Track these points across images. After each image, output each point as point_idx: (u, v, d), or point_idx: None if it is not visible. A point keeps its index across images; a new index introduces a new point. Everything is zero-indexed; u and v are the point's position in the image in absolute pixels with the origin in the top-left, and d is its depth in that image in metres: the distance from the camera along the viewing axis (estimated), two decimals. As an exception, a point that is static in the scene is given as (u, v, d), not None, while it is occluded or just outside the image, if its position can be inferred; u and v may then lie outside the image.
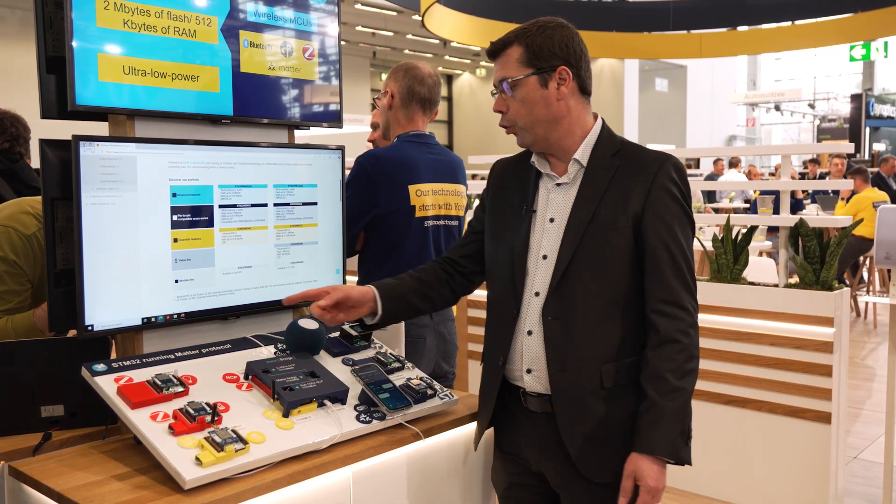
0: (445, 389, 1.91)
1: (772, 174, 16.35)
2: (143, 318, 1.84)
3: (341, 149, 2.25)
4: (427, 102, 2.59)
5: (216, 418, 1.58)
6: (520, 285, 1.72)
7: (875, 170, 10.71)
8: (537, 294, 1.69)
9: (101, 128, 1.89)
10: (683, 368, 1.61)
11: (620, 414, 1.66)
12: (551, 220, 1.71)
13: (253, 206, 2.03)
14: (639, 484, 1.59)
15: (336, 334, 2.04)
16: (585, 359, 1.65)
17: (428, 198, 2.52)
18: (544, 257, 1.70)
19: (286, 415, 1.65)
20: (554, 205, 1.72)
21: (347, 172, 2.41)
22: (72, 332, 1.86)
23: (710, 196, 11.52)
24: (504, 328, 1.74)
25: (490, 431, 1.89)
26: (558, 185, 1.73)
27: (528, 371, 1.71)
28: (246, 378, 1.77)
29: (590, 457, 1.66)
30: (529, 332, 1.70)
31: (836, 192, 9.34)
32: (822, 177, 12.44)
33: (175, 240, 1.88)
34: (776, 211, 4.62)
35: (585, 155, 1.71)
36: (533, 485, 1.80)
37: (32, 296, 2.28)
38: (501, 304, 1.76)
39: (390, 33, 18.61)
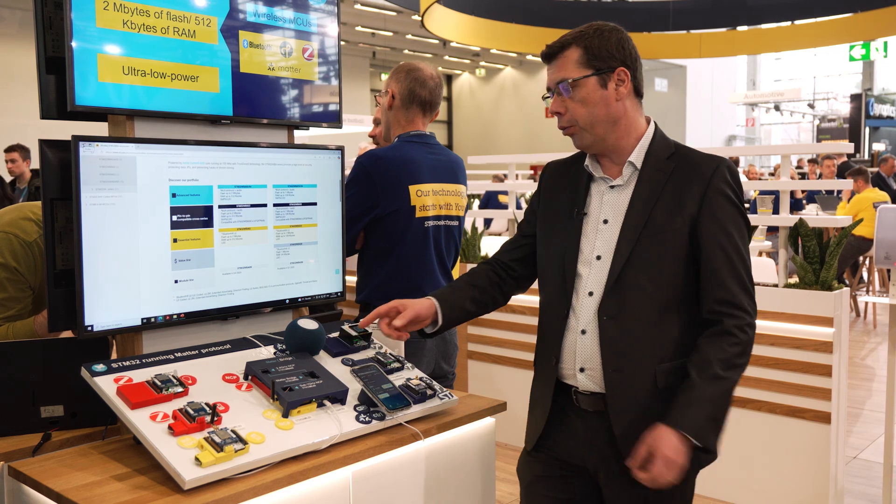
0: (445, 390, 1.92)
1: (771, 174, 16.35)
2: (142, 319, 1.84)
3: (341, 149, 2.25)
4: (428, 105, 2.59)
5: (216, 418, 1.58)
6: (570, 286, 1.74)
7: (875, 170, 10.71)
8: (591, 294, 1.70)
9: (101, 128, 1.89)
10: (732, 361, 1.63)
11: None
12: (605, 222, 1.73)
13: (252, 206, 2.03)
14: (654, 453, 1.55)
15: (335, 334, 2.04)
16: (640, 359, 1.66)
17: (428, 198, 2.52)
18: (598, 258, 1.71)
19: (286, 415, 1.65)
20: (608, 206, 1.74)
21: (347, 173, 2.41)
22: (66, 333, 1.87)
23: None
24: (556, 328, 1.76)
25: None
26: (612, 187, 1.74)
27: (582, 370, 1.72)
28: (245, 378, 1.77)
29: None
30: (584, 332, 1.71)
31: (832, 192, 9.35)
32: (821, 177, 12.44)
33: (175, 240, 1.88)
34: (776, 211, 4.62)
35: (640, 157, 1.72)
36: (565, 477, 1.79)
37: (33, 302, 2.28)
38: (552, 305, 1.78)
39: (390, 33, 18.61)
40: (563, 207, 1.80)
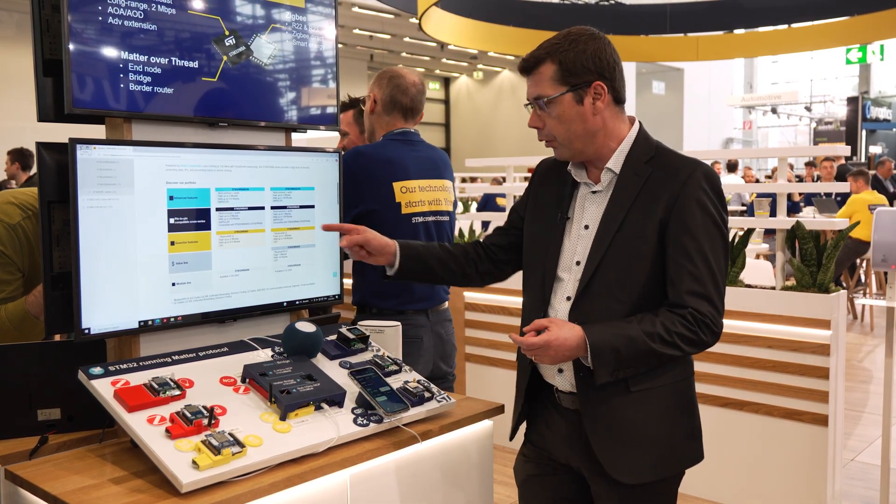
0: (443, 392, 1.91)
1: (768, 177, 16.38)
2: (139, 322, 1.83)
3: (338, 152, 2.25)
4: (409, 111, 2.62)
5: (213, 421, 1.58)
6: (549, 290, 1.75)
7: (872, 172, 10.73)
8: (568, 298, 1.72)
9: (99, 130, 1.89)
10: (674, 338, 1.58)
11: (648, 416, 1.67)
12: (586, 228, 1.73)
13: (250, 208, 2.03)
14: (549, 330, 1.57)
15: (333, 337, 2.04)
16: None
17: (415, 194, 2.53)
18: (578, 263, 1.72)
19: (283, 418, 1.65)
20: (589, 212, 1.74)
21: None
22: (58, 337, 1.86)
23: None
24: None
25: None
26: (593, 192, 1.75)
27: (560, 371, 1.74)
28: (243, 381, 1.77)
29: (617, 458, 1.67)
30: None
31: (830, 195, 9.36)
32: (818, 180, 12.46)
33: (172, 242, 1.87)
34: (773, 214, 4.63)
35: (618, 163, 1.71)
36: (557, 475, 1.82)
37: (24, 285, 2.28)
38: (533, 308, 1.79)
39: (387, 36, 18.60)
40: (550, 210, 1.81)
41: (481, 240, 1.99)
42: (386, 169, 2.49)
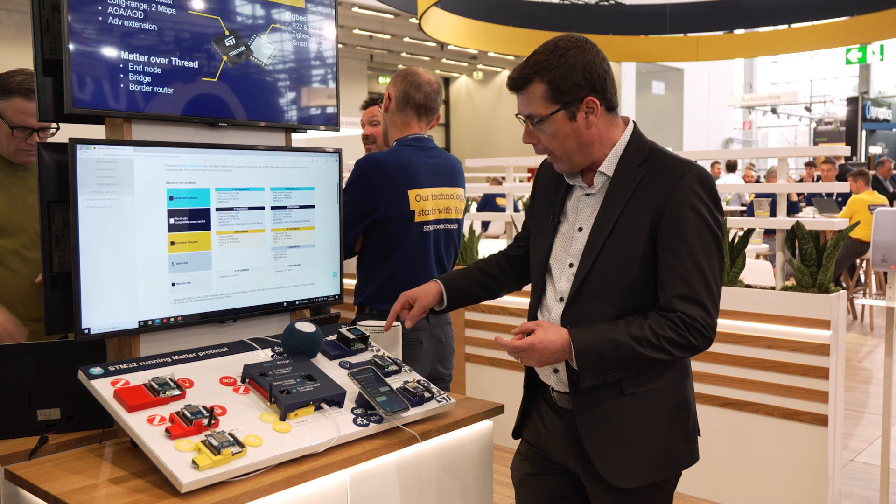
0: (443, 392, 1.91)
1: (764, 177, 16.38)
2: (139, 322, 1.83)
3: (338, 152, 2.25)
4: (422, 108, 2.60)
5: (213, 422, 1.58)
6: (542, 291, 1.77)
7: (872, 172, 10.75)
8: (562, 300, 1.72)
9: (99, 130, 1.89)
10: (662, 342, 1.56)
11: (643, 420, 1.67)
12: (580, 230, 1.73)
13: (250, 209, 2.03)
14: (535, 332, 1.60)
15: (333, 337, 2.04)
16: None
17: (428, 203, 2.52)
18: (571, 265, 1.72)
19: (283, 418, 1.65)
20: (582, 215, 1.74)
21: (345, 175, 2.41)
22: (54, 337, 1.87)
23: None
24: None
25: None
26: (587, 195, 1.75)
27: (556, 371, 1.75)
28: (243, 381, 1.77)
29: (611, 461, 1.67)
30: None
31: (831, 195, 9.37)
32: (818, 180, 12.47)
33: (172, 243, 1.87)
34: (773, 214, 4.63)
35: (611, 166, 1.70)
36: (554, 474, 1.82)
37: None
38: (533, 309, 1.82)
39: (387, 36, 18.60)
40: (547, 213, 1.82)
41: (504, 247, 2.06)
42: (402, 176, 2.48)
